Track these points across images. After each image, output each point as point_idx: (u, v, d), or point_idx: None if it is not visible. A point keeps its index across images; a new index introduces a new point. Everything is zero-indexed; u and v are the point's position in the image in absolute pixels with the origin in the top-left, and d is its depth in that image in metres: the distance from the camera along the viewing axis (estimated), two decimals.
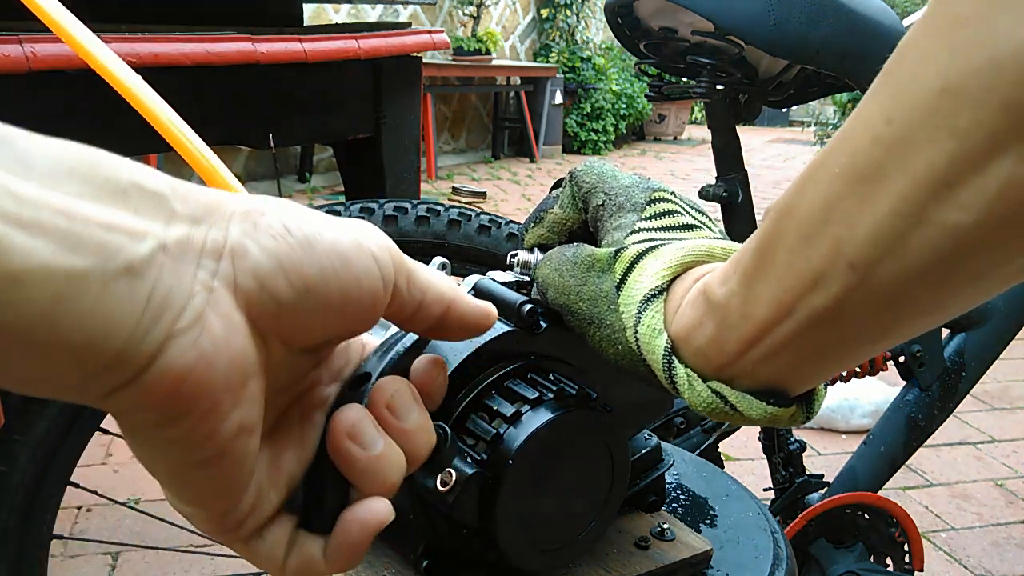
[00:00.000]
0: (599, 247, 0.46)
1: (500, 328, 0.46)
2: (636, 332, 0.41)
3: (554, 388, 0.44)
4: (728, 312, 0.37)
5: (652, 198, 0.46)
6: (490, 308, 0.35)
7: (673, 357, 0.40)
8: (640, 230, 0.45)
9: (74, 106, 1.01)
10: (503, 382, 0.44)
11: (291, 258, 0.27)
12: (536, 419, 0.42)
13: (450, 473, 0.41)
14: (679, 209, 0.46)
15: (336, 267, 0.28)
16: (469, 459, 0.42)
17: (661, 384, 0.41)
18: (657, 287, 0.41)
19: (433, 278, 0.32)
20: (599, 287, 0.43)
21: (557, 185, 0.53)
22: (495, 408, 0.43)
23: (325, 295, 0.28)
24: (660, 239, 0.44)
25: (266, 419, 0.29)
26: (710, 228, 0.46)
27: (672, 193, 0.47)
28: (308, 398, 0.33)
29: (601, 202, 0.47)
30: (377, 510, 0.30)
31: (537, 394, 0.43)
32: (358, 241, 0.29)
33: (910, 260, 0.29)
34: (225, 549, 1.29)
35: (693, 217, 0.46)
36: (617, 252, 0.43)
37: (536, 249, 0.52)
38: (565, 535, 0.46)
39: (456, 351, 0.45)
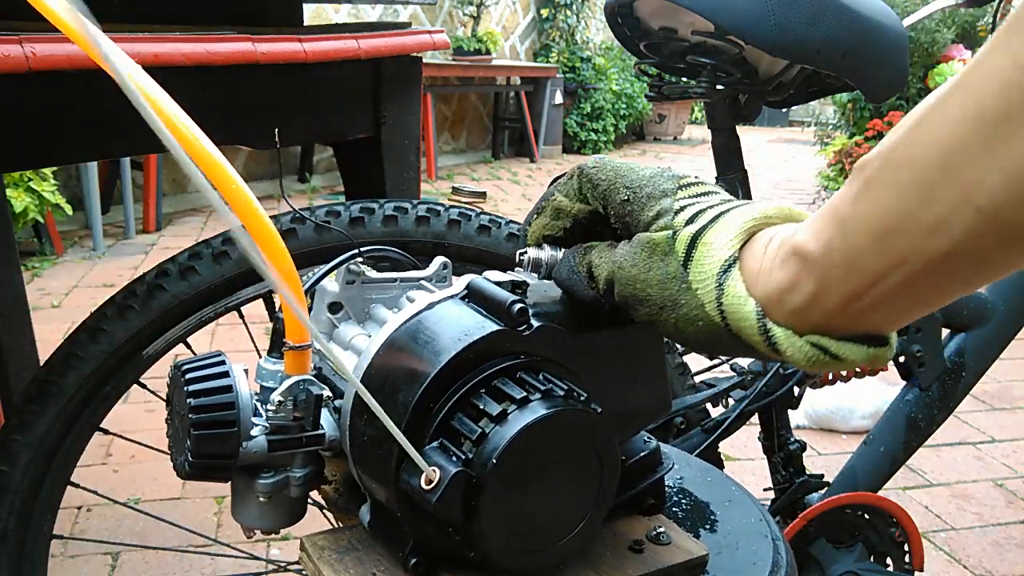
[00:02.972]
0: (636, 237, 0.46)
1: (490, 327, 0.46)
2: (720, 304, 0.41)
3: (542, 388, 0.43)
4: (829, 268, 0.37)
5: (681, 183, 0.46)
6: None
7: (766, 320, 0.40)
8: (683, 208, 0.44)
9: (75, 106, 1.01)
10: (491, 381, 0.44)
11: None
12: (522, 419, 0.42)
13: (434, 471, 0.41)
14: (710, 188, 0.47)
15: None
16: (454, 458, 0.42)
17: (749, 350, 0.41)
18: (731, 256, 0.41)
19: None
20: (665, 270, 0.43)
21: (556, 181, 0.53)
22: (481, 407, 0.43)
23: None
24: (709, 213, 0.44)
25: None
26: (734, 199, 0.46)
27: (695, 176, 0.48)
28: None
29: (626, 197, 0.47)
30: None
31: (524, 394, 0.43)
32: None
33: None
34: (225, 549, 1.29)
35: (722, 193, 0.47)
36: (674, 233, 0.43)
37: (545, 245, 0.51)
38: (551, 536, 0.46)
39: (445, 348, 0.45)
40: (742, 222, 0.42)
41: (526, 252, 0.51)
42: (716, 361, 1.37)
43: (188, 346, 1.00)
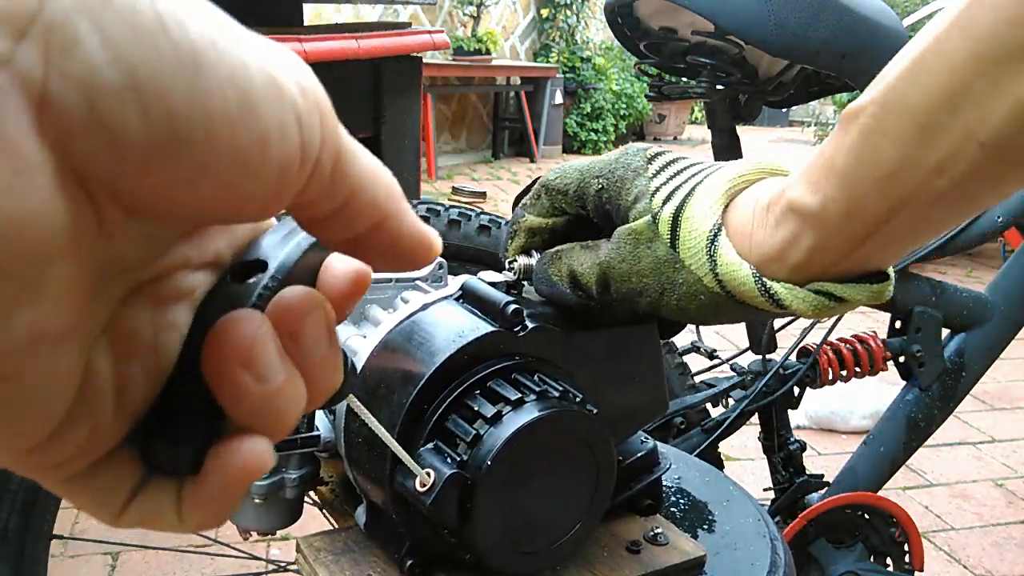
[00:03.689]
0: (625, 225, 0.46)
1: (485, 328, 0.46)
2: (716, 274, 0.41)
3: (537, 389, 0.43)
4: (830, 220, 0.37)
5: (648, 156, 0.46)
6: (434, 239, 0.24)
7: (764, 279, 0.40)
8: (658, 189, 0.44)
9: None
10: (486, 383, 0.44)
11: (156, 72, 0.16)
12: (517, 420, 0.42)
13: (429, 474, 0.41)
14: (676, 156, 0.46)
15: (232, 110, 0.17)
16: (448, 459, 0.42)
17: (756, 312, 0.42)
18: (715, 224, 0.42)
19: (372, 171, 0.22)
20: (655, 255, 0.43)
21: (517, 202, 0.53)
22: (476, 409, 0.43)
23: (203, 152, 0.17)
24: (685, 188, 0.44)
25: (94, 315, 0.19)
26: (707, 163, 0.46)
27: (658, 145, 0.47)
28: (165, 285, 0.22)
29: (600, 186, 0.46)
30: (259, 450, 0.21)
31: (519, 395, 0.43)
32: (274, 77, 0.18)
33: None
34: (225, 549, 1.29)
35: (690, 158, 0.47)
36: (654, 218, 0.43)
37: (534, 251, 0.51)
38: (546, 538, 0.45)
39: (439, 349, 0.45)
40: (719, 187, 0.42)
41: (516, 260, 0.51)
42: (716, 361, 1.37)
43: None
